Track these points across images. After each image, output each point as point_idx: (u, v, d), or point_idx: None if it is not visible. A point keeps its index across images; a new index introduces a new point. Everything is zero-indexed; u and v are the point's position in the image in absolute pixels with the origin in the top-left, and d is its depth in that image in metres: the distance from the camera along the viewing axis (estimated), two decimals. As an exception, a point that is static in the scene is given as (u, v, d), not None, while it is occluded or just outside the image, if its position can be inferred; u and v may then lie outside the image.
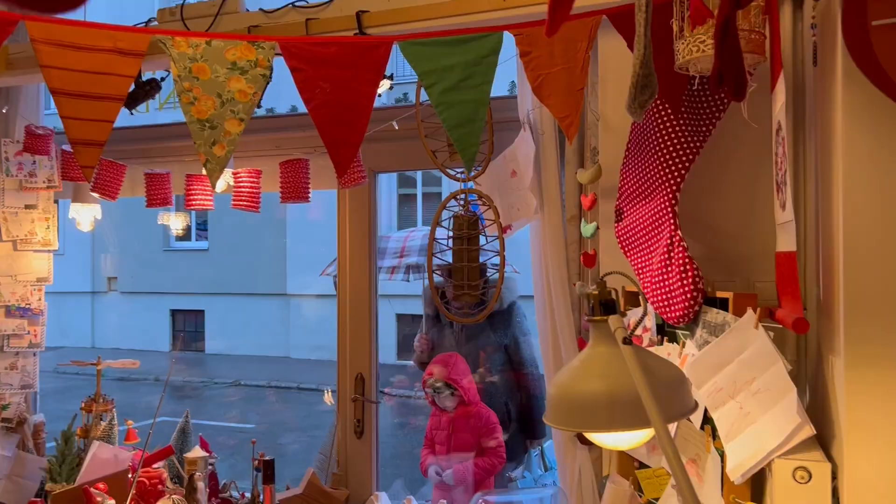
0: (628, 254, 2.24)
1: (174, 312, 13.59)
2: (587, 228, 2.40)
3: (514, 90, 3.20)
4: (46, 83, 1.78)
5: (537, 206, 2.69)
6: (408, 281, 5.96)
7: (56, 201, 3.80)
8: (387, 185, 12.05)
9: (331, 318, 3.52)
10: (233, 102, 1.88)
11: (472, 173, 2.70)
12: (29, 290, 3.71)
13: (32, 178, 3.70)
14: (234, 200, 3.04)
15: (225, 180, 3.32)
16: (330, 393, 4.15)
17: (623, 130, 2.34)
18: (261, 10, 2.84)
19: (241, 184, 3.02)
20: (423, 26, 2.47)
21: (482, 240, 2.67)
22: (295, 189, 2.94)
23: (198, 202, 3.07)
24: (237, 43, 1.89)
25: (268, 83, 1.94)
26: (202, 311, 13.31)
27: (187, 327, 13.60)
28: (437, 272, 4.71)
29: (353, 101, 1.92)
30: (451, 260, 2.63)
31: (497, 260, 2.65)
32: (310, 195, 3.02)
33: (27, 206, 3.70)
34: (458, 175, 2.71)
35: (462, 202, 2.67)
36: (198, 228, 13.28)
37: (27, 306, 3.69)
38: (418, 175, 12.16)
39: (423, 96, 2.76)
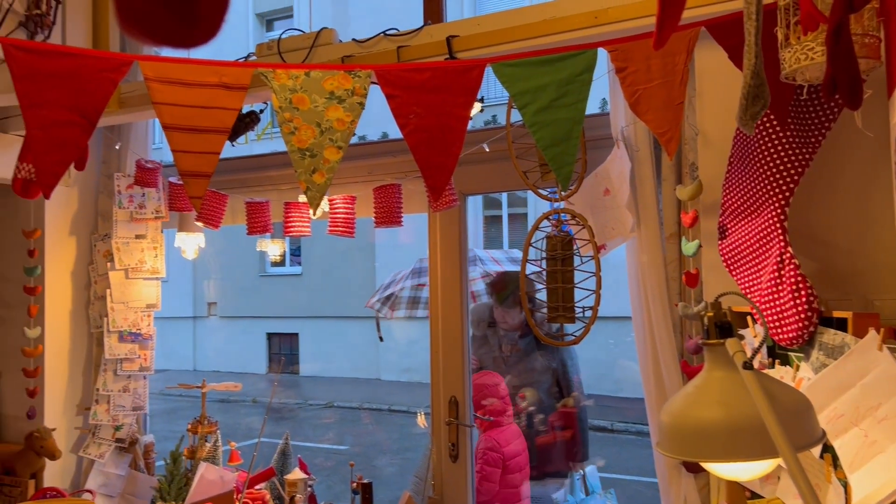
0: (734, 273, 2.14)
1: (270, 336, 14.02)
2: (689, 247, 2.31)
3: (605, 107, 3.15)
4: (158, 119, 1.87)
5: (633, 225, 2.63)
6: None
7: (162, 231, 4.00)
8: (472, 207, 12.10)
9: (420, 340, 3.55)
10: (331, 131, 1.92)
11: (565, 192, 2.67)
12: (139, 316, 3.90)
13: (142, 210, 3.90)
14: (330, 226, 3.11)
15: (321, 207, 3.41)
16: (423, 415, 4.16)
17: (723, 144, 2.26)
18: (353, 40, 2.91)
19: (337, 210, 3.09)
20: (513, 48, 2.47)
21: (576, 260, 2.62)
22: (388, 213, 2.98)
23: (296, 229, 3.16)
24: (334, 73, 1.93)
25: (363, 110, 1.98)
26: (296, 335, 13.67)
27: (283, 350, 14.00)
28: (488, 291, 4.74)
29: (447, 124, 1.93)
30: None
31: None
32: (402, 219, 3.05)
33: (137, 236, 3.91)
34: (551, 195, 2.68)
35: (555, 222, 2.64)
36: (291, 254, 13.70)
37: (138, 332, 3.87)
38: (503, 196, 12.15)
39: (514, 117, 2.76)
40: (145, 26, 0.46)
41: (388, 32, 2.82)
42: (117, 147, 3.86)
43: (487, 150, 2.81)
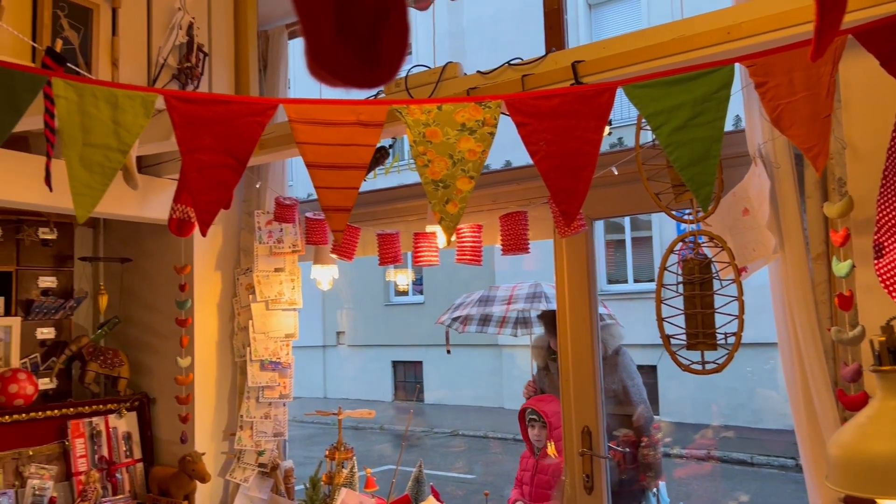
0: (894, 294, 1.98)
1: (395, 364, 14.32)
2: (841, 267, 2.17)
3: (738, 124, 3.03)
4: (302, 157, 1.98)
5: (776, 245, 2.49)
6: (515, 336, 6.04)
7: (298, 263, 4.20)
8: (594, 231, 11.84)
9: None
10: (463, 161, 1.96)
11: (701, 213, 2.58)
12: (279, 345, 4.09)
13: (280, 244, 4.12)
14: (457, 255, 3.15)
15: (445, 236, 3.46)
16: (553, 445, 4.10)
17: (874, 157, 2.12)
18: (478, 72, 2.97)
19: (464, 239, 3.13)
20: (641, 69, 2.43)
21: (715, 284, 2.52)
22: (515, 241, 2.99)
23: (425, 258, 3.22)
24: (465, 105, 1.98)
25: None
26: (420, 363, 13.89)
27: (407, 378, 14.25)
28: (540, 323, 4.73)
29: (578, 149, 1.91)
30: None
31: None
32: (529, 246, 3.04)
33: (276, 270, 4.12)
34: (685, 217, 2.59)
35: (691, 245, 2.55)
36: (414, 283, 13.98)
37: (277, 360, 4.06)
38: (626, 220, 11.87)
39: (643, 138, 2.71)
40: (332, 70, 0.50)
41: (511, 62, 2.86)
42: (257, 186, 4.10)
43: (616, 173, 2.77)
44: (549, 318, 4.38)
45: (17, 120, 1.97)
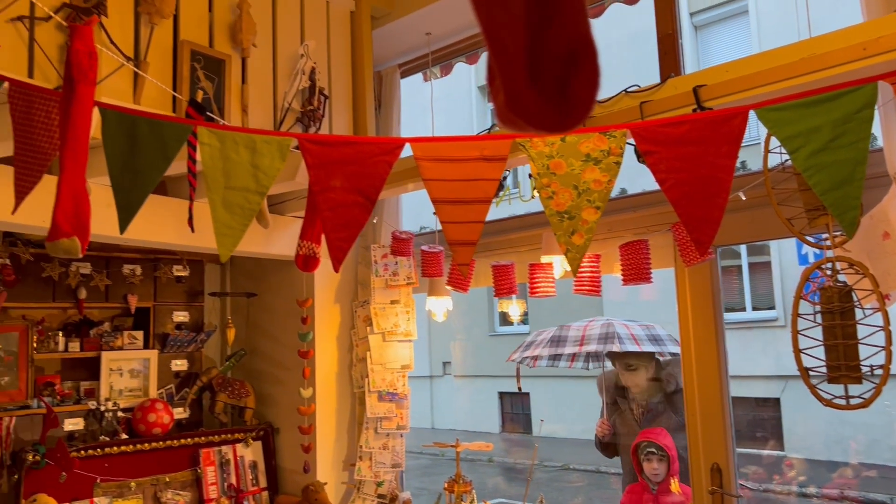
0: None
1: (502, 395, 14.22)
2: None
3: (874, 143, 2.87)
4: (428, 193, 2.02)
5: (925, 271, 2.32)
6: (587, 369, 5.81)
7: (413, 295, 4.27)
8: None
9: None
10: (588, 192, 1.94)
11: (838, 238, 2.44)
12: (395, 376, 4.16)
13: (395, 277, 4.21)
14: (576, 286, 3.12)
15: (562, 266, 3.44)
16: (677, 481, 3.94)
17: None
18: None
19: (583, 269, 3.09)
20: (769, 91, 2.35)
21: (858, 313, 2.37)
22: (637, 270, 2.92)
23: (542, 290, 3.20)
24: (589, 135, 1.97)
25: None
26: (527, 394, 13.72)
27: (515, 409, 14.11)
28: (609, 358, 4.54)
29: (710, 176, 1.86)
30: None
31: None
32: (651, 276, 2.97)
33: (392, 302, 4.21)
34: (822, 242, 2.46)
35: (829, 272, 2.41)
36: (521, 313, 13.91)
37: (394, 391, 4.13)
38: (742, 245, 11.38)
39: (771, 161, 2.60)
40: (525, 116, 0.51)
41: (629, 89, 2.83)
42: (374, 221, 4.22)
43: (744, 198, 2.67)
44: (618, 354, 4.30)
45: (167, 166, 2.12)
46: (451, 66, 4.59)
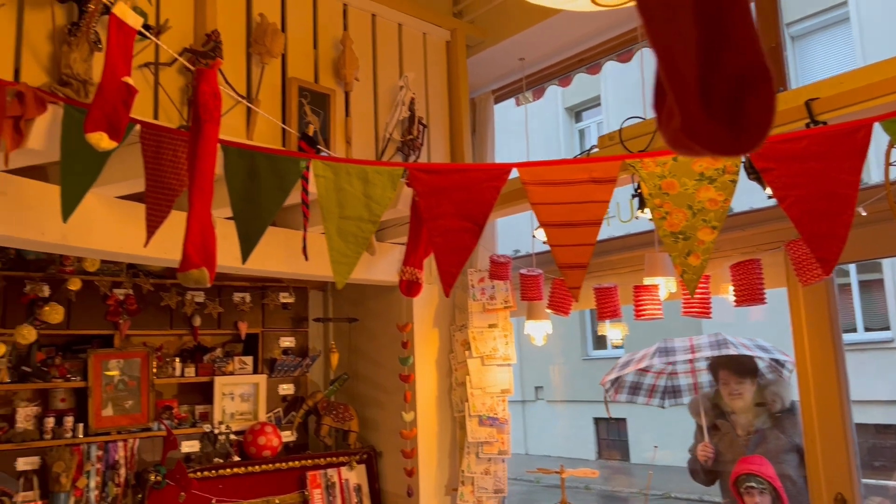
0: None
1: (597, 420, 13.90)
2: None
3: None
4: (536, 217, 2.04)
5: None
6: (663, 407, 5.50)
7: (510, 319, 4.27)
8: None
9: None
10: (703, 212, 1.91)
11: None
12: (495, 400, 4.16)
13: (493, 301, 4.22)
14: (684, 308, 3.04)
15: (667, 288, 3.36)
16: (795, 513, 3.75)
17: None
18: (697, 119, 2.90)
19: (690, 290, 3.01)
20: (890, 101, 2.25)
21: None
22: (749, 291, 2.82)
23: (648, 312, 3.14)
24: (701, 154, 1.93)
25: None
26: (624, 420, 13.36)
27: (611, 435, 13.76)
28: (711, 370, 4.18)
29: (833, 192, 1.79)
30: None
31: None
32: (765, 296, 2.86)
33: (490, 326, 4.22)
34: (955, 258, 2.32)
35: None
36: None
37: (495, 416, 4.12)
38: (851, 263, 10.79)
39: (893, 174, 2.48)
40: (699, 140, 0.52)
41: (735, 106, 2.76)
42: (471, 246, 4.26)
43: (864, 213, 2.55)
44: (722, 366, 4.02)
45: (285, 198, 2.22)
46: (544, 90, 4.61)
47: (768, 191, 2.06)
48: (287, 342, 4.51)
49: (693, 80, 0.56)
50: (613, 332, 4.16)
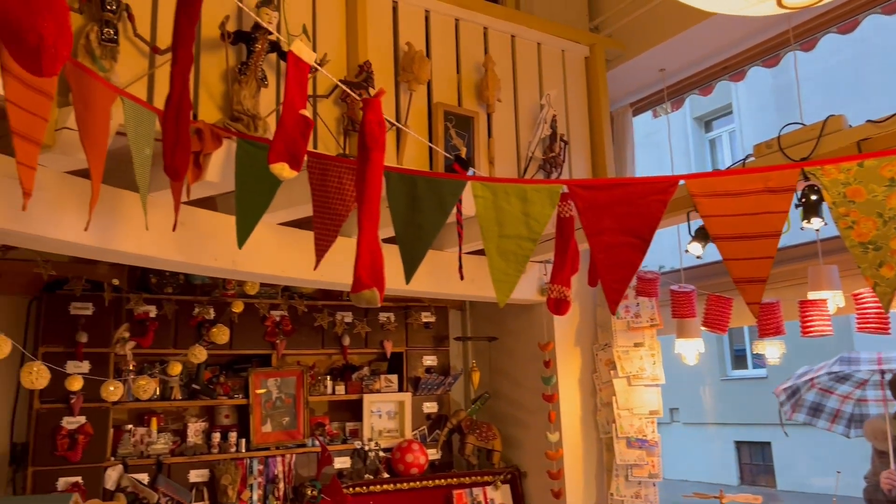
0: None
1: (738, 444, 13.15)
2: None
3: None
4: (707, 231, 1.96)
5: None
6: (848, 437, 4.92)
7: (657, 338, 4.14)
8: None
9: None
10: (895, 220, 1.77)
11: None
12: (644, 422, 4.03)
13: (637, 319, 4.11)
14: (858, 323, 2.84)
15: (835, 303, 3.15)
16: None
17: None
18: (868, 121, 2.72)
19: (866, 304, 2.81)
20: None
21: None
22: (937, 304, 2.59)
23: (817, 329, 2.95)
24: (891, 158, 1.80)
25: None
26: (768, 443, 12.56)
27: (754, 459, 12.97)
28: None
29: None
30: None
31: None
32: (955, 310, 2.61)
33: (635, 345, 4.11)
34: None
35: None
36: (754, 356, 12.87)
37: (644, 438, 3.99)
38: None
39: None
40: None
41: (913, 105, 2.57)
42: (614, 262, 4.17)
43: None
44: None
45: (445, 220, 2.26)
46: (683, 101, 4.47)
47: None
48: (429, 360, 4.59)
49: None
50: (771, 349, 3.94)
